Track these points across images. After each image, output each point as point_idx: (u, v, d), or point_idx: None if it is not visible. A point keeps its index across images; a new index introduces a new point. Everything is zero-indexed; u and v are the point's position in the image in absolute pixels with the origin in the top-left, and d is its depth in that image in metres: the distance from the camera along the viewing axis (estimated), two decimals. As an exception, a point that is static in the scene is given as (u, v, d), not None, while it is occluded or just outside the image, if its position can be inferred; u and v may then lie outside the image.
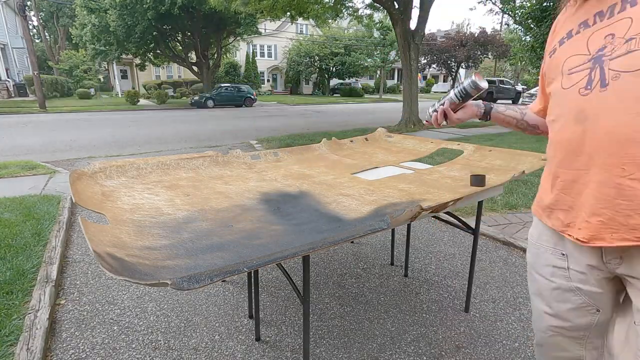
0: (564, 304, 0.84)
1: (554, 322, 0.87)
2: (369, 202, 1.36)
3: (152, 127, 10.37)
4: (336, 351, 1.71)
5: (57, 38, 29.16)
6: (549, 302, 0.87)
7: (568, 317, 0.85)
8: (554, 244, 0.85)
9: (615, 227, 0.69)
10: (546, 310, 0.88)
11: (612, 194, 0.69)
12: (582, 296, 0.82)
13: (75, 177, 1.39)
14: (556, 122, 0.79)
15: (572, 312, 0.84)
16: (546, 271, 0.87)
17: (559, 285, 0.84)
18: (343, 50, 29.48)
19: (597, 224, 0.71)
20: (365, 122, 11.59)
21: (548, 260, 0.87)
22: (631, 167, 0.66)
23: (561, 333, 0.87)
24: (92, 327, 1.83)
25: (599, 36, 0.71)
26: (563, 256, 0.83)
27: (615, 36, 0.68)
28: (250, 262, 0.81)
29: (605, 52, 0.69)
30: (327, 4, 10.00)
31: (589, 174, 0.72)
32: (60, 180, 4.41)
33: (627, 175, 0.66)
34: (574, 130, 0.74)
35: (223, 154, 1.91)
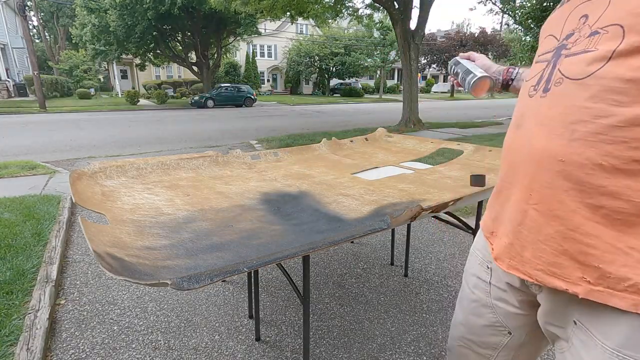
0: (478, 318, 0.80)
1: (465, 333, 0.84)
2: (369, 202, 1.36)
3: (152, 127, 10.37)
4: (336, 351, 1.71)
5: (57, 38, 29.16)
6: (465, 313, 0.83)
7: (478, 332, 0.81)
8: (484, 255, 0.78)
9: (513, 254, 0.63)
10: (461, 320, 0.85)
11: (518, 219, 0.61)
12: (497, 315, 0.76)
13: (75, 177, 1.39)
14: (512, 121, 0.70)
15: (484, 328, 0.79)
16: (470, 280, 0.82)
17: (477, 299, 0.79)
18: (343, 50, 29.47)
19: (504, 245, 0.65)
20: (365, 122, 11.59)
21: (475, 270, 0.81)
22: (537, 195, 0.57)
23: (470, 347, 0.83)
24: (92, 327, 1.83)
25: (577, 14, 0.58)
26: (488, 269, 0.77)
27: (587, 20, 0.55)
28: (250, 262, 0.81)
29: (568, 43, 0.57)
30: (327, 4, 10.00)
31: (510, 190, 0.64)
32: (60, 180, 4.41)
33: (532, 204, 0.58)
34: (510, 137, 0.66)
35: (223, 154, 1.91)
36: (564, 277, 0.55)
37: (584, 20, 0.56)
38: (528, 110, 0.61)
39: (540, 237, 0.57)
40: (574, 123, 0.51)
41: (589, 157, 0.50)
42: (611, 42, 0.49)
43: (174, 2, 15.52)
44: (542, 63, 0.62)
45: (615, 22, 0.50)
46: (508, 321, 0.76)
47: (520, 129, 0.62)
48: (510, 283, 0.72)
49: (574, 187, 0.52)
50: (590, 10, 0.55)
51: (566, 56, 0.56)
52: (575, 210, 0.52)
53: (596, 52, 0.51)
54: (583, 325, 0.58)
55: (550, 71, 0.58)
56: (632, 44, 0.47)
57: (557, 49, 0.59)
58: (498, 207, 0.70)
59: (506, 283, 0.73)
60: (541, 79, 0.60)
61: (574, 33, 0.57)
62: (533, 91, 0.61)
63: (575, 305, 0.58)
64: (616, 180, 0.48)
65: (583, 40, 0.54)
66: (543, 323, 0.68)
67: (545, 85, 0.58)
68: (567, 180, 0.52)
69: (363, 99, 27.69)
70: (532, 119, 0.59)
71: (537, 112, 0.59)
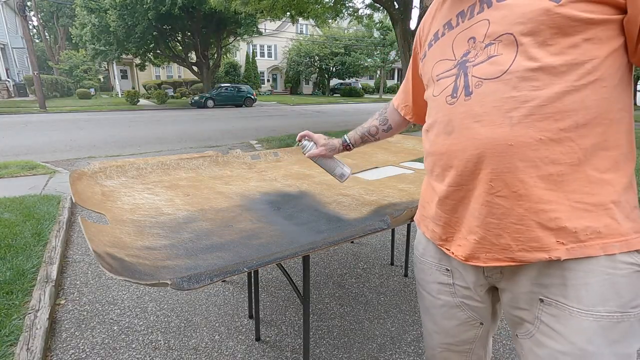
0: (450, 321, 0.83)
1: (442, 339, 0.86)
2: (369, 202, 1.36)
3: (152, 127, 10.37)
4: (336, 351, 1.71)
5: (57, 38, 29.15)
6: (436, 320, 0.86)
7: (454, 333, 0.84)
8: (439, 259, 0.81)
9: (488, 246, 0.66)
10: (434, 329, 0.87)
11: (484, 212, 0.65)
12: (467, 311, 0.80)
13: (75, 177, 1.39)
14: (430, 132, 0.75)
15: (458, 327, 0.83)
16: (432, 288, 0.84)
17: (445, 303, 0.82)
18: (343, 50, 29.48)
19: (473, 242, 0.68)
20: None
21: (434, 276, 0.83)
22: (497, 183, 0.61)
23: (449, 349, 0.86)
24: (92, 327, 1.83)
25: (463, 39, 0.67)
26: (448, 272, 0.80)
27: (476, 40, 0.65)
28: (250, 262, 0.81)
29: (469, 58, 0.65)
30: (327, 4, 10.00)
31: (463, 190, 0.68)
32: (60, 180, 4.41)
33: (495, 192, 0.62)
34: (443, 143, 0.69)
35: (223, 154, 1.91)
36: (543, 247, 0.60)
37: (473, 41, 0.65)
38: (455, 115, 0.66)
39: (513, 219, 0.62)
40: (509, 111, 0.59)
41: (531, 135, 0.58)
42: (509, 45, 0.59)
43: (174, 2, 15.52)
44: (448, 78, 0.70)
45: (504, 32, 0.60)
46: (477, 314, 0.80)
47: (454, 134, 0.67)
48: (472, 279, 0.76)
49: (528, 165, 0.59)
50: (474, 33, 0.65)
51: (474, 65, 0.64)
52: (534, 185, 0.59)
53: (502, 55, 0.60)
54: (552, 300, 0.63)
55: (464, 79, 0.65)
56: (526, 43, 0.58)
57: (460, 64, 0.67)
58: (446, 213, 0.73)
59: (469, 280, 0.76)
60: (457, 88, 0.67)
61: (470, 51, 0.66)
62: (452, 99, 0.67)
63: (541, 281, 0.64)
64: (553, 149, 0.57)
65: (482, 52, 0.63)
66: (508, 309, 0.72)
67: (465, 91, 0.64)
68: (521, 160, 0.59)
69: (363, 99, 27.71)
70: (464, 121, 0.64)
71: (468, 113, 0.64)
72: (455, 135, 0.66)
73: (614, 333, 0.59)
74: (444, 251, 0.77)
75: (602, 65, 0.56)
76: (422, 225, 0.84)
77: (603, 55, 0.56)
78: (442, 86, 0.70)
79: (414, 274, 0.93)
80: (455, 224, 0.72)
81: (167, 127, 10.39)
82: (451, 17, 0.71)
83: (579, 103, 0.56)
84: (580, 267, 0.60)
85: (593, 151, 0.58)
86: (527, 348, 0.68)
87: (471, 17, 0.66)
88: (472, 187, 0.66)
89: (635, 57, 0.57)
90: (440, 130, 0.70)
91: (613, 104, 0.57)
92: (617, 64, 0.57)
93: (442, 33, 0.73)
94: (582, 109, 0.56)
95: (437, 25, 0.76)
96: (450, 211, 0.72)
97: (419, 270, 0.89)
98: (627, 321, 0.59)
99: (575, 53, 0.55)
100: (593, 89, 0.56)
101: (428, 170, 0.79)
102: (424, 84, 0.84)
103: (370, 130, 1.15)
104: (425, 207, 0.82)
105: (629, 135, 0.60)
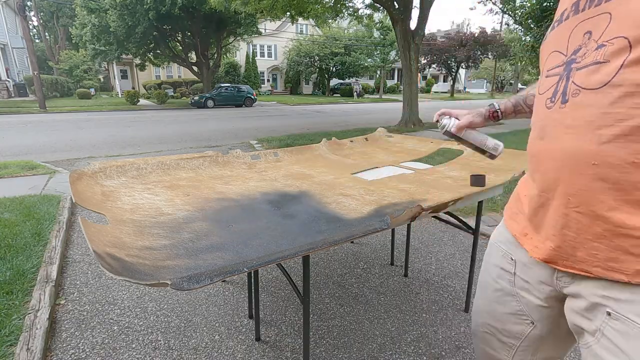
0: (502, 307, 0.84)
1: (489, 320, 0.87)
2: (369, 202, 1.36)
3: (152, 127, 10.37)
4: (336, 351, 1.71)
5: (57, 38, 29.15)
6: (489, 301, 0.87)
7: (502, 319, 0.84)
8: (508, 247, 0.83)
9: (564, 255, 0.66)
10: (485, 308, 0.89)
11: (561, 223, 0.64)
12: (520, 304, 0.80)
13: (75, 177, 1.39)
14: (531, 130, 0.74)
15: (507, 316, 0.83)
16: (494, 271, 0.86)
17: (502, 288, 0.83)
18: (343, 50, 29.47)
19: (550, 249, 0.68)
20: (365, 122, 11.59)
21: (498, 261, 0.85)
22: (576, 199, 0.60)
23: (493, 333, 0.87)
24: (92, 327, 1.83)
25: (581, 31, 0.62)
26: (512, 261, 0.81)
27: (591, 36, 0.59)
28: (250, 262, 0.81)
29: (577, 57, 0.61)
30: (327, 4, 10.00)
31: (544, 197, 0.68)
32: (60, 180, 4.41)
33: (573, 207, 0.61)
34: (536, 146, 0.69)
35: (223, 154, 1.91)
36: (622, 270, 0.58)
37: (589, 35, 0.60)
38: (549, 121, 0.65)
39: (589, 237, 0.60)
40: (600, 128, 0.55)
41: (620, 157, 0.54)
42: (620, 52, 0.54)
43: (174, 3, 15.52)
44: (553, 77, 0.66)
45: (619, 35, 0.54)
46: (531, 312, 0.78)
47: (544, 140, 0.66)
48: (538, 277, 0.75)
49: (612, 187, 0.56)
50: (592, 27, 0.59)
51: (577, 69, 0.60)
52: (617, 208, 0.56)
53: (608, 63, 0.55)
54: (622, 315, 0.59)
55: (564, 84, 0.62)
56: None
57: (566, 64, 0.63)
58: (531, 211, 0.73)
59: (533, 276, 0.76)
60: (556, 92, 0.64)
61: (581, 48, 0.61)
62: (550, 103, 0.65)
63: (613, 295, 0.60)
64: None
65: (591, 54, 0.58)
66: (571, 315, 0.70)
67: (563, 97, 0.62)
68: (604, 181, 0.56)
69: (363, 99, 27.69)
70: (556, 129, 0.63)
71: (560, 122, 0.62)
72: (545, 142, 0.66)
73: None
74: (519, 243, 0.77)
75: None
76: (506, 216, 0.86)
77: None
78: (547, 85, 0.68)
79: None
80: (536, 226, 0.72)
81: (167, 127, 10.39)
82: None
83: None
84: None
85: None
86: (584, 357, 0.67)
87: (598, 4, 0.59)
88: (552, 197, 0.65)
89: None
90: (535, 134, 0.70)
91: None
92: None
93: (566, 16, 0.66)
94: None
95: (566, 2, 0.69)
96: (533, 212, 0.72)
97: (488, 251, 0.91)
98: None
99: None
100: None
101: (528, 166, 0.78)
102: None
103: (527, 100, 0.95)
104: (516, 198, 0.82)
105: None
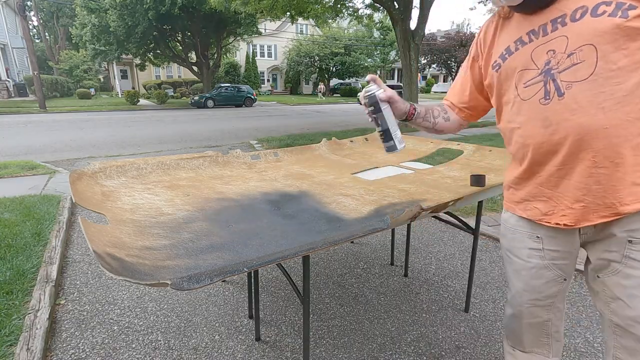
0: (538, 280, 0.99)
1: (531, 296, 1.01)
2: (369, 202, 1.36)
3: (152, 127, 10.37)
4: (336, 351, 1.71)
5: (57, 38, 29.15)
6: (526, 280, 1.01)
7: (542, 290, 0.99)
8: (530, 229, 0.98)
9: (595, 208, 0.84)
10: (524, 287, 1.02)
11: (590, 183, 0.82)
12: (554, 270, 0.97)
13: (75, 177, 1.39)
14: (521, 128, 0.91)
15: (545, 284, 0.99)
16: (523, 253, 1.01)
17: (535, 265, 0.99)
18: (343, 50, 29.47)
19: (581, 208, 0.85)
20: (365, 122, 11.51)
21: (525, 243, 1.00)
22: (599, 157, 0.79)
23: (536, 304, 1.01)
24: (92, 327, 1.83)
25: (542, 52, 0.84)
26: (538, 239, 0.97)
27: (556, 52, 0.82)
28: (250, 262, 0.81)
29: (552, 66, 0.82)
30: (327, 4, 10.00)
31: (565, 169, 0.85)
32: (60, 180, 4.41)
33: (597, 165, 0.80)
34: (542, 134, 0.85)
35: (223, 154, 1.91)
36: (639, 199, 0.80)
37: (552, 53, 0.82)
38: (552, 112, 0.83)
39: (614, 182, 0.80)
40: (600, 103, 0.77)
41: (620, 117, 0.77)
42: (590, 53, 0.77)
43: (174, 3, 15.51)
44: (536, 84, 0.85)
45: (585, 44, 0.78)
46: (563, 271, 0.97)
47: (551, 127, 0.83)
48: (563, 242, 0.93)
49: (622, 140, 0.77)
50: (553, 47, 0.82)
51: (559, 72, 0.81)
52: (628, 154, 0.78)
53: (585, 62, 0.78)
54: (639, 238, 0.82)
55: (554, 84, 0.82)
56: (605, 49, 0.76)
57: (544, 72, 0.84)
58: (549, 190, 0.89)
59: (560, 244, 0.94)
60: (548, 91, 0.83)
61: (551, 60, 0.82)
62: (545, 100, 0.84)
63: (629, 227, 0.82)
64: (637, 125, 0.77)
65: (565, 61, 0.80)
66: (597, 255, 0.90)
67: (558, 92, 0.81)
68: (616, 137, 0.77)
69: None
70: (562, 115, 0.81)
71: (564, 109, 0.81)
72: (553, 127, 0.83)
73: None
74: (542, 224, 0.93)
75: None
76: (517, 208, 1.00)
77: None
78: (531, 91, 0.86)
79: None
80: (558, 197, 0.88)
81: (167, 127, 10.39)
82: (521, 34, 0.88)
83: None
84: None
85: None
86: (612, 283, 0.87)
87: (545, 34, 0.83)
88: (574, 165, 0.83)
89: None
90: (537, 125, 0.86)
91: None
92: None
93: (515, 48, 0.89)
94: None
95: (506, 41, 0.92)
96: (554, 187, 0.88)
97: (509, 239, 1.04)
98: None
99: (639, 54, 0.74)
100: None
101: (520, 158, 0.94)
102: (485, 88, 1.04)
103: (434, 112, 1.15)
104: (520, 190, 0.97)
105: None
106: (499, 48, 0.94)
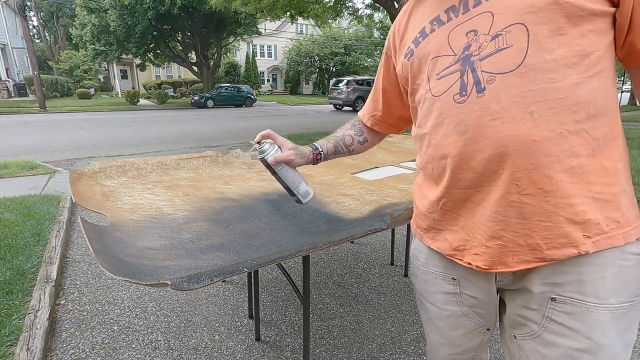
0: (456, 331, 0.80)
1: (449, 350, 0.83)
2: (369, 202, 1.36)
3: (152, 127, 10.37)
4: (336, 351, 1.71)
5: (57, 38, 29.15)
6: (442, 331, 0.83)
7: (461, 342, 0.81)
8: (444, 268, 0.77)
9: (515, 249, 0.63)
10: (441, 341, 0.84)
11: (510, 214, 0.61)
12: (474, 319, 0.78)
13: (75, 177, 1.39)
14: (431, 134, 0.69)
15: (465, 336, 0.80)
16: (438, 299, 0.80)
17: (452, 313, 0.79)
18: (343, 50, 29.48)
19: (497, 248, 0.64)
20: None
21: (439, 286, 0.79)
22: (523, 181, 0.59)
23: (455, 358, 0.84)
24: (92, 327, 1.83)
25: (460, 33, 0.64)
26: (454, 281, 0.76)
27: (478, 32, 0.61)
28: (250, 262, 0.81)
29: (472, 51, 0.62)
30: (327, 4, 10.00)
31: (482, 192, 0.64)
32: (60, 180, 4.41)
33: (521, 191, 0.59)
34: (455, 145, 0.64)
35: (223, 154, 1.91)
36: (572, 243, 0.59)
37: (474, 33, 0.62)
38: (468, 114, 0.62)
39: (542, 217, 0.59)
40: (529, 105, 0.57)
41: (552, 129, 0.56)
42: (519, 35, 0.57)
43: (174, 2, 15.52)
44: (452, 75, 0.64)
45: (514, 23, 0.57)
46: (485, 320, 0.78)
47: (468, 133, 0.62)
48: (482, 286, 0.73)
49: (553, 160, 0.57)
50: (475, 26, 0.62)
51: (481, 59, 0.60)
52: (560, 180, 0.58)
53: (512, 47, 0.58)
54: (567, 297, 0.61)
55: (472, 75, 0.61)
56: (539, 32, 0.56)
57: (462, 60, 0.63)
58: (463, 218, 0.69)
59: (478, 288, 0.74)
60: (465, 85, 0.62)
61: (471, 44, 0.62)
62: (461, 97, 0.62)
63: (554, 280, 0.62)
64: (572, 141, 0.57)
65: (488, 44, 0.60)
66: (514, 310, 0.70)
67: (477, 87, 0.60)
68: (546, 155, 0.57)
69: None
70: (481, 119, 0.60)
71: (484, 110, 0.60)
72: (470, 135, 0.62)
73: (623, 323, 0.60)
74: (455, 261, 0.72)
75: (604, 57, 0.57)
76: (426, 237, 0.79)
77: (604, 47, 0.57)
78: (445, 84, 0.65)
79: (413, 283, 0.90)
80: (472, 230, 0.67)
81: (167, 127, 10.38)
82: (439, 12, 0.68)
83: (590, 94, 0.56)
84: (598, 261, 0.59)
85: (605, 141, 0.58)
86: (529, 349, 0.67)
87: (466, 10, 0.63)
88: (492, 189, 0.62)
89: (622, 51, 0.60)
90: (450, 131, 0.65)
91: (612, 94, 0.59)
92: (612, 56, 0.59)
93: (431, 29, 0.69)
94: (592, 99, 0.56)
95: (420, 22, 0.71)
96: (470, 215, 0.67)
97: (421, 281, 0.84)
98: (633, 310, 0.60)
99: (583, 44, 0.56)
100: (599, 80, 0.57)
101: (430, 174, 0.73)
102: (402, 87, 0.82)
103: (345, 140, 0.98)
104: (427, 215, 0.76)
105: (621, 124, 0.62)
106: (413, 32, 0.73)
